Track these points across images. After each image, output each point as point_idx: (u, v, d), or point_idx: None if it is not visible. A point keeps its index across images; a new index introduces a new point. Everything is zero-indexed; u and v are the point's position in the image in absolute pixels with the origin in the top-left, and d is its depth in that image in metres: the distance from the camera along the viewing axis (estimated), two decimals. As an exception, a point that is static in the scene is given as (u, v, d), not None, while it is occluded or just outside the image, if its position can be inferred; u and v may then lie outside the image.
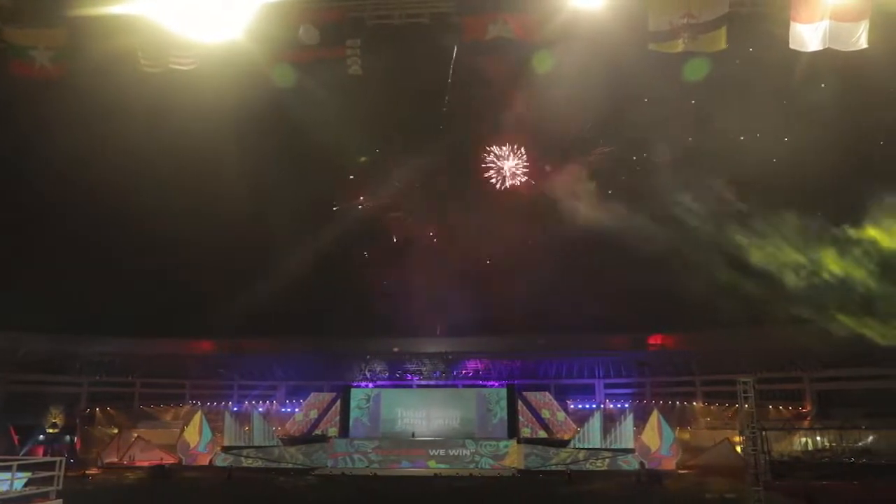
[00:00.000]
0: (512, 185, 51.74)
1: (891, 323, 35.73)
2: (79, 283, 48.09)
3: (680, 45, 19.46)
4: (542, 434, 48.86)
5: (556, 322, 52.58)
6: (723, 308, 39.13)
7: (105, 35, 20.86)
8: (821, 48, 18.92)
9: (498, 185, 51.98)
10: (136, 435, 49.60)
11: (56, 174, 43.99)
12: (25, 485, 13.02)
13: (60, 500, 12.56)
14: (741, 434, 25.58)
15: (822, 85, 33.69)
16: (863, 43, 18.76)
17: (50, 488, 12.59)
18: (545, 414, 50.32)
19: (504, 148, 51.43)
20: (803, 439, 42.16)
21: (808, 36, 18.89)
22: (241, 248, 51.67)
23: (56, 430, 49.48)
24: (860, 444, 39.37)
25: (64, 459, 14.08)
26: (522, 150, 51.19)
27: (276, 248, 52.75)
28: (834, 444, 40.46)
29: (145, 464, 45.50)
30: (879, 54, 20.04)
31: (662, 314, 49.73)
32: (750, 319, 43.07)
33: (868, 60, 21.62)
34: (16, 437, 46.35)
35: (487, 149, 51.37)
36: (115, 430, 50.40)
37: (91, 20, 20.63)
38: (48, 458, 14.26)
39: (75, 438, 49.63)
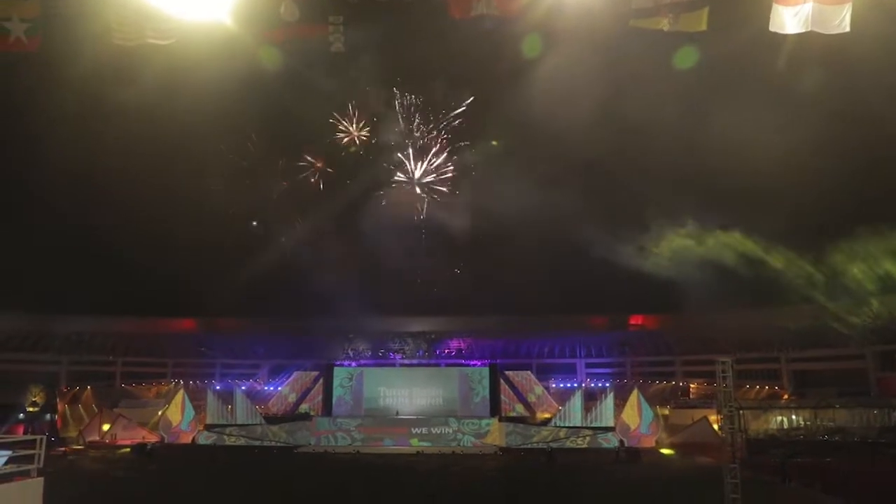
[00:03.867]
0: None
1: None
2: (56, 261, 47.54)
3: (662, 23, 19.38)
4: (524, 413, 49.43)
5: (538, 302, 53.07)
6: (703, 290, 39.85)
7: (82, 7, 20.38)
8: (801, 31, 18.94)
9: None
10: (117, 413, 49.38)
11: (34, 153, 43.23)
12: (6, 463, 12.92)
13: (41, 479, 12.51)
14: (719, 413, 26.02)
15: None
16: (846, 26, 18.77)
17: (31, 466, 12.51)
18: (527, 393, 50.85)
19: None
20: (779, 418, 43.00)
21: (788, 18, 18.87)
22: (224, 226, 51.31)
23: (36, 409, 49.05)
24: (833, 422, 40.27)
25: (45, 438, 14.02)
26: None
27: (259, 226, 52.50)
28: (808, 423, 41.32)
29: (127, 442, 45.36)
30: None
31: (643, 295, 50.34)
32: (729, 301, 43.92)
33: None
34: (-5, 416, 45.98)
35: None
36: (97, 409, 50.12)
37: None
38: (29, 437, 14.16)
39: (56, 417, 49.32)
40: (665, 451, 42.94)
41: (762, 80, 35.65)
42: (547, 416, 48.11)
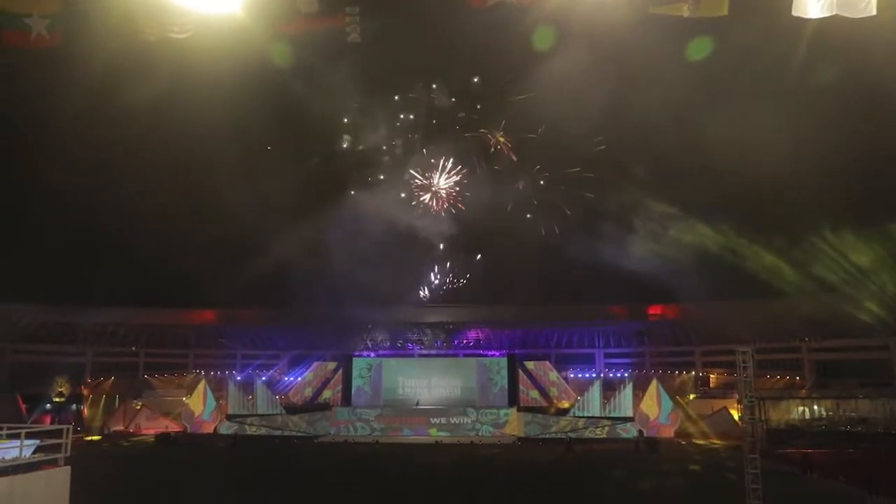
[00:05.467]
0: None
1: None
2: (80, 255, 48.23)
3: (681, 9, 19.09)
4: (542, 402, 49.43)
5: (557, 292, 52.89)
6: (722, 279, 39.53)
7: (100, 1, 20.54)
8: (826, 15, 18.52)
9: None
10: (141, 404, 50.24)
11: (58, 148, 43.79)
12: (34, 452, 13.22)
13: (69, 467, 12.76)
14: (739, 403, 25.81)
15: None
16: (872, 9, 18.29)
17: (58, 455, 12.77)
18: (545, 383, 50.81)
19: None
20: (800, 408, 42.59)
21: (812, 2, 18.43)
22: (242, 218, 51.60)
23: (62, 399, 50.07)
24: (856, 413, 39.79)
25: (71, 427, 14.29)
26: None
27: (276, 217, 52.74)
28: (830, 413, 40.89)
29: (151, 432, 46.18)
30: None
31: (662, 285, 49.97)
32: (750, 290, 43.50)
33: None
34: (23, 406, 46.95)
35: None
36: (121, 399, 51.00)
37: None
38: (56, 426, 14.47)
39: (82, 407, 50.31)
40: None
41: (788, 68, 35.02)
42: (565, 405, 48.07)
